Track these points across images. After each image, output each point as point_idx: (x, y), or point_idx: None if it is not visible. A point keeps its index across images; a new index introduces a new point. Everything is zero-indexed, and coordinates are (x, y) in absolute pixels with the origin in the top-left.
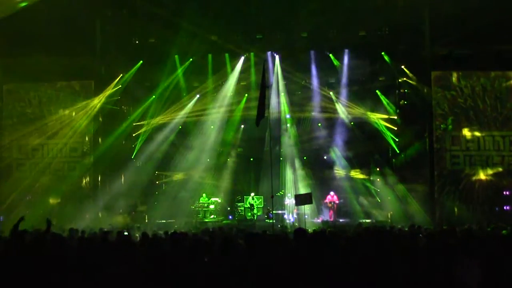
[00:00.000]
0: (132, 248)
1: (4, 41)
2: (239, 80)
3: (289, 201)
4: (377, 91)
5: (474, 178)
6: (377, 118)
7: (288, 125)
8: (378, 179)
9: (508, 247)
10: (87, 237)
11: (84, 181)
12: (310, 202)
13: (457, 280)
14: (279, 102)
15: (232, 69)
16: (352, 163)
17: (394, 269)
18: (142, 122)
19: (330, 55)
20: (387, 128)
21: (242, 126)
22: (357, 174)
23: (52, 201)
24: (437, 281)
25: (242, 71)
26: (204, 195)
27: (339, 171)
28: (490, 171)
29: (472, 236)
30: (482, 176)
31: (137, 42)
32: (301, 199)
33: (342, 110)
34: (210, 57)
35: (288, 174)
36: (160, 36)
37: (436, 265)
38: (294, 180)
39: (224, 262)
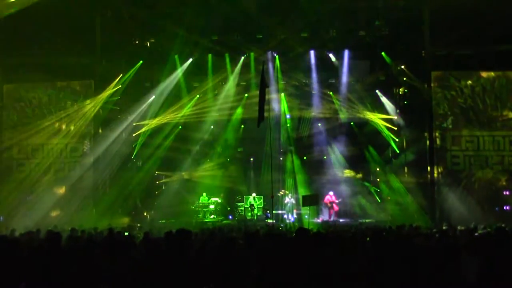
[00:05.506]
0: (133, 248)
1: (4, 41)
2: (239, 80)
3: (289, 201)
4: (377, 91)
5: (474, 178)
6: (377, 118)
7: (288, 125)
8: (378, 179)
9: (508, 247)
10: (87, 237)
11: (84, 181)
12: (317, 204)
13: (456, 280)
14: (279, 102)
15: (232, 69)
16: (352, 163)
17: (394, 269)
18: (142, 122)
19: (330, 55)
20: (387, 128)
21: (242, 126)
22: (357, 174)
23: (52, 201)
24: (437, 281)
25: (242, 71)
26: (204, 195)
27: (339, 171)
28: (490, 171)
29: (473, 235)
30: (482, 176)
31: (137, 42)
32: (308, 200)
33: (342, 110)
34: (210, 57)
35: (288, 174)
36: (160, 36)
37: (436, 265)
38: (294, 180)
39: (223, 262)
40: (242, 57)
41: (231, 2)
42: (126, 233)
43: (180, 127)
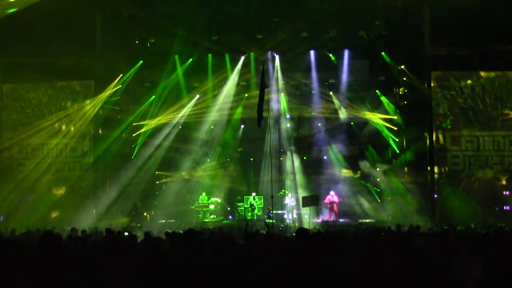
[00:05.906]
0: (133, 248)
1: (4, 41)
2: (239, 80)
3: (289, 201)
4: (377, 91)
5: (474, 178)
6: (377, 118)
7: (288, 125)
8: (378, 179)
9: (508, 247)
10: (87, 237)
11: (84, 181)
12: (316, 204)
13: (456, 280)
14: (279, 102)
15: (232, 69)
16: (352, 163)
17: (393, 269)
18: (142, 122)
19: (330, 55)
20: (387, 128)
21: (242, 126)
22: (356, 174)
23: (52, 201)
24: (437, 282)
25: (242, 71)
26: (204, 194)
27: (339, 171)
28: (490, 171)
29: (472, 235)
30: (482, 176)
31: (137, 42)
32: (308, 201)
33: (342, 110)
34: (210, 57)
35: (288, 174)
36: (160, 36)
37: (436, 265)
38: (294, 181)
39: (223, 262)
40: (242, 57)
41: (231, 2)
42: (126, 233)
43: (180, 127)
